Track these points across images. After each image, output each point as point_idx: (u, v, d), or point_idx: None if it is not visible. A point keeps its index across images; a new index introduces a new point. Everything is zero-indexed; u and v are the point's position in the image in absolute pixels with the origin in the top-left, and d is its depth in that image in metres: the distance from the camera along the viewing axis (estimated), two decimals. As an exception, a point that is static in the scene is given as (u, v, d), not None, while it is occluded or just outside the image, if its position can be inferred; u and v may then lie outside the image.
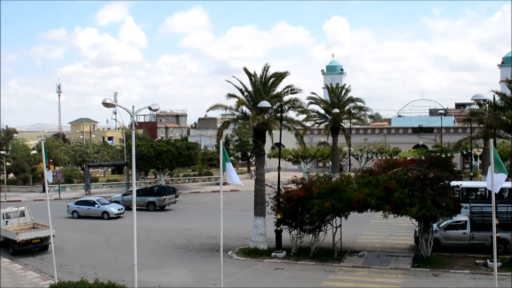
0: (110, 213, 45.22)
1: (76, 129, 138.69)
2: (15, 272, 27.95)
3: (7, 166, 67.72)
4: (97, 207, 45.74)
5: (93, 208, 45.71)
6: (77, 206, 46.42)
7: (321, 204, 27.22)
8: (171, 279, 26.19)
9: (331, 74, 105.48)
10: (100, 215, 45.31)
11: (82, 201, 47.40)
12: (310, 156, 65.54)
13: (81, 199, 49.17)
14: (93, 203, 46.17)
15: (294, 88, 32.42)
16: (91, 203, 46.33)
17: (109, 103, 19.62)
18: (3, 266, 29.43)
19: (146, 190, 51.65)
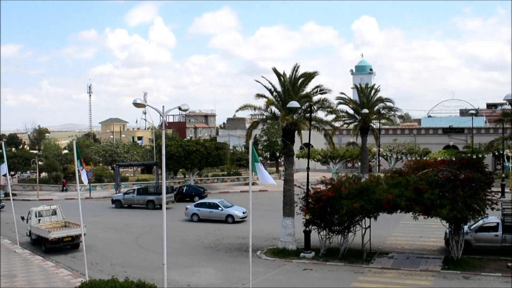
0: (235, 217, 41.82)
1: (106, 129, 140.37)
2: (47, 270, 28.37)
3: (40, 165, 68.74)
4: (220, 210, 42.36)
5: (216, 211, 42.45)
6: (197, 209, 43.41)
7: (350, 204, 27.09)
8: (200, 278, 26.32)
9: (360, 74, 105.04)
10: (224, 218, 41.96)
11: (203, 204, 44.09)
12: (339, 156, 65.19)
13: (201, 201, 46.02)
14: (216, 206, 42.85)
15: (323, 88, 32.31)
16: (213, 206, 42.95)
17: (140, 103, 19.82)
18: (36, 263, 29.93)
19: (146, 189, 53.75)
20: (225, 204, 43.29)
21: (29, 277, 26.81)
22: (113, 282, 18.28)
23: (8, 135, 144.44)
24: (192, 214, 43.16)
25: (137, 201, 52.31)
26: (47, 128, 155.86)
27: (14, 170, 65.59)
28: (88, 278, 23.68)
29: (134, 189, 54.89)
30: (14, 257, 31.53)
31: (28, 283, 25.76)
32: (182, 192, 55.54)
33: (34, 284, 25.56)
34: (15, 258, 31.41)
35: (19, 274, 27.43)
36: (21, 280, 26.24)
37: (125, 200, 52.59)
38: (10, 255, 32.22)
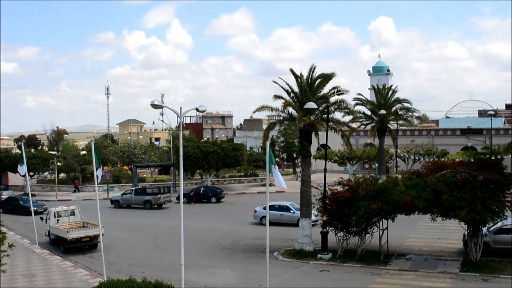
0: None
1: (124, 130, 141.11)
2: (66, 270, 28.61)
3: (58, 166, 69.35)
4: (292, 213, 39.92)
5: (287, 214, 40.09)
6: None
7: (367, 206, 26.99)
8: (217, 279, 26.37)
9: (377, 75, 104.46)
10: (295, 222, 37.84)
11: (272, 206, 39.71)
12: (356, 157, 65.03)
13: (271, 203, 40.24)
14: (287, 209, 40.66)
15: (341, 89, 32.23)
16: (284, 208, 40.66)
17: (158, 105, 19.92)
18: (55, 263, 30.20)
19: (143, 190, 54.94)
20: (295, 206, 40.25)
21: (48, 277, 27.06)
22: (130, 282, 18.37)
23: (28, 136, 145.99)
24: (261, 217, 40.61)
25: (134, 201, 53.36)
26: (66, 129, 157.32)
27: (33, 170, 66.26)
28: (106, 278, 23.83)
29: (132, 190, 55.66)
30: (33, 257, 31.83)
31: (47, 282, 25.99)
32: (199, 193, 55.70)
33: (53, 283, 25.78)
34: (34, 258, 31.71)
35: (38, 274, 27.68)
36: (40, 280, 26.49)
37: (124, 201, 53.68)
38: (30, 255, 32.54)
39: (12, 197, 54.04)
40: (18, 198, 52.56)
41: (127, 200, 53.50)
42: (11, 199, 53.14)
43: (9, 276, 25.71)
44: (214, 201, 54.96)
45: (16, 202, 51.27)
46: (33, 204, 41.75)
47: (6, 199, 53.90)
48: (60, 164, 71.06)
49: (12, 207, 50.86)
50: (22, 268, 28.87)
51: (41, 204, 50.82)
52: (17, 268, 28.78)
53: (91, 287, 23.67)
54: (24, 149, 38.35)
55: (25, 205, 48.42)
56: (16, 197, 53.76)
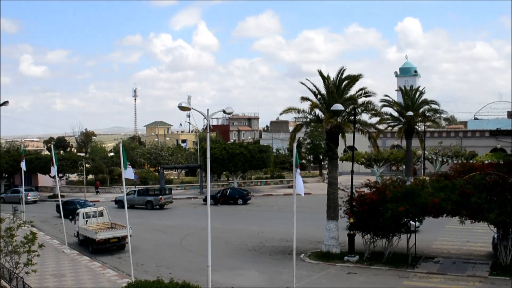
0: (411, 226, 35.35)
1: (151, 132, 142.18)
2: (94, 270, 28.93)
3: (86, 167, 70.19)
4: None
5: None
6: None
7: (395, 208, 26.79)
8: (244, 280, 26.42)
9: (404, 76, 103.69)
10: None
11: None
12: (383, 159, 64.65)
13: None
14: None
15: (368, 91, 32.06)
16: None
17: (185, 107, 20.06)
18: (83, 263, 30.56)
19: (146, 191, 56.13)
20: None
21: (77, 277, 27.39)
22: (158, 283, 18.53)
23: (57, 138, 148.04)
24: None
25: (137, 202, 54.61)
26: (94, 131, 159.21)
27: (62, 172, 67.21)
28: (134, 279, 24.04)
29: (135, 191, 56.77)
30: (62, 257, 32.26)
31: (76, 282, 26.32)
32: (225, 195, 55.88)
33: (81, 284, 26.09)
34: (63, 258, 32.13)
35: (67, 274, 28.04)
36: (69, 280, 26.83)
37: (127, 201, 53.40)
38: (59, 255, 32.97)
39: (68, 201, 50.55)
40: (75, 202, 49.46)
41: (130, 200, 53.56)
42: (67, 203, 49.41)
43: (40, 275, 26.09)
44: (241, 202, 55.09)
45: (73, 206, 47.72)
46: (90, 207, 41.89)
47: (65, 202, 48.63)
48: (89, 166, 72.00)
49: (69, 212, 45.38)
50: (52, 268, 29.28)
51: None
52: (47, 268, 29.19)
53: (119, 287, 23.91)
54: (54, 150, 38.87)
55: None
56: (73, 200, 50.76)
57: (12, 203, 54.31)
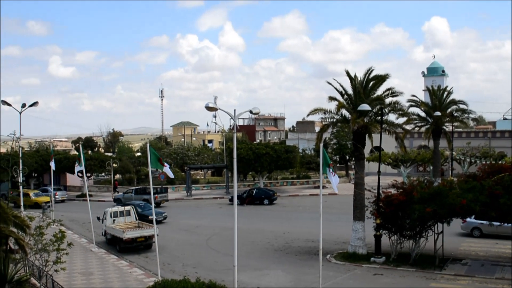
0: None
1: (177, 132, 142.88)
2: (122, 269, 29.21)
3: (114, 167, 70.86)
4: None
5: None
6: (479, 222, 33.92)
7: (422, 209, 26.58)
8: (270, 281, 26.45)
9: (432, 76, 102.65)
10: None
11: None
12: (410, 160, 64.13)
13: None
14: None
15: (395, 91, 31.83)
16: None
17: (212, 107, 20.17)
18: (111, 262, 30.88)
19: (143, 190, 57.74)
20: None
21: (105, 275, 27.68)
22: (185, 283, 18.65)
23: (85, 138, 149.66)
24: (472, 228, 35.48)
25: (134, 200, 54.39)
26: (121, 132, 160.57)
27: (90, 171, 67.91)
28: (161, 278, 24.21)
29: (132, 189, 58.67)
30: (90, 256, 32.63)
31: (103, 281, 26.60)
32: (252, 195, 55.93)
33: (109, 282, 26.37)
34: (91, 256, 32.49)
35: (95, 272, 28.36)
36: (97, 278, 27.13)
37: (125, 199, 54.73)
38: (87, 253, 33.36)
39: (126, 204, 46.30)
40: (135, 205, 45.29)
41: (128, 199, 55.12)
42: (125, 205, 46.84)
43: (68, 273, 26.42)
44: (267, 203, 55.11)
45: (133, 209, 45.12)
46: (150, 212, 41.09)
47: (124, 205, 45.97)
48: (116, 166, 72.67)
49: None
50: (80, 266, 29.64)
51: (160, 212, 46.00)
52: (75, 266, 29.56)
53: (146, 286, 24.13)
54: (82, 150, 39.32)
55: (144, 213, 43.49)
56: (133, 203, 46.41)
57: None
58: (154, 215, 27.39)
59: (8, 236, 22.13)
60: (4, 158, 56.35)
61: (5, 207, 20.30)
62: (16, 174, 40.11)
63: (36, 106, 42.26)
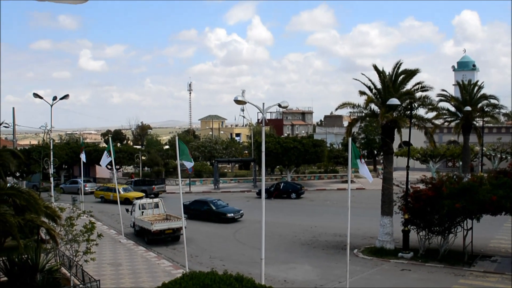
0: None
1: (205, 125, 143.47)
2: (150, 260, 29.51)
3: (142, 160, 71.48)
4: None
5: None
6: None
7: (451, 205, 26.34)
8: (297, 274, 26.48)
9: (462, 71, 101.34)
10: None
11: None
12: (439, 155, 63.52)
13: None
14: None
15: (424, 86, 31.52)
16: None
17: (241, 100, 20.23)
18: (139, 253, 31.22)
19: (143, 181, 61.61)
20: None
21: (133, 266, 28.00)
22: (212, 275, 18.67)
23: (114, 131, 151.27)
24: None
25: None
26: (149, 125, 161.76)
27: (119, 164, 68.64)
28: (188, 269, 24.38)
29: (131, 181, 62.10)
30: (119, 247, 33.01)
31: (132, 272, 26.91)
32: (279, 189, 55.98)
33: (137, 273, 26.66)
34: (120, 248, 32.88)
35: (123, 263, 28.70)
36: (125, 269, 27.45)
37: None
38: (116, 244, 33.76)
39: (199, 200, 45.13)
40: (208, 201, 44.16)
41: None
42: (198, 202, 44.54)
43: (97, 264, 26.77)
44: (294, 196, 55.11)
45: (207, 206, 43.07)
46: (227, 209, 41.87)
47: (192, 202, 44.78)
48: (145, 158, 73.29)
49: (200, 213, 42.81)
50: (109, 257, 30.02)
51: (236, 210, 43.06)
52: (105, 257, 29.94)
53: (174, 278, 24.33)
54: (111, 143, 39.74)
55: (218, 210, 42.25)
56: (206, 200, 44.95)
57: (71, 193, 55.91)
58: (182, 208, 27.48)
59: (39, 226, 22.52)
60: (35, 150, 57.33)
61: (37, 197, 20.62)
62: (47, 165, 40.72)
63: (67, 99, 42.81)
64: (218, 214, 41.82)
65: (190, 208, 42.94)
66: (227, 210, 42.29)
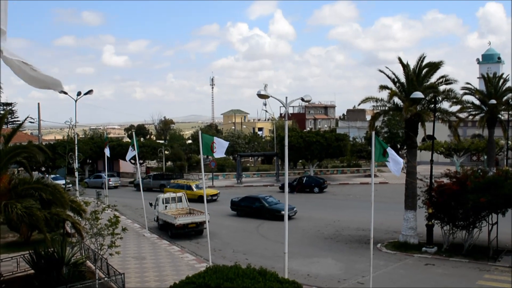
0: None
1: (228, 120, 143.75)
2: (173, 254, 29.72)
3: (166, 154, 71.89)
4: None
5: None
6: None
7: (476, 199, 26.10)
8: (320, 268, 26.48)
9: (487, 63, 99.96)
10: None
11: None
12: (464, 149, 62.92)
13: None
14: None
15: (449, 79, 31.17)
16: None
17: (264, 95, 20.24)
18: (163, 247, 31.45)
19: (161, 176, 62.51)
20: None
21: (157, 260, 28.23)
22: (236, 269, 18.76)
23: (137, 125, 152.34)
24: None
25: (153, 185, 60.09)
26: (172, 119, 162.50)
27: (142, 158, 69.11)
28: (212, 263, 24.52)
29: (150, 175, 63.20)
30: (143, 241, 33.29)
31: (156, 265, 27.13)
32: (302, 183, 55.95)
33: (161, 266, 26.88)
34: (144, 241, 33.16)
35: (147, 257, 28.95)
36: (149, 262, 27.69)
37: (144, 184, 54.71)
38: (140, 238, 34.05)
39: (250, 197, 43.48)
40: (260, 198, 42.60)
41: (146, 184, 57.67)
42: (249, 199, 43.07)
43: (122, 257, 27.01)
44: (317, 191, 55.05)
45: (258, 203, 41.59)
46: (281, 206, 39.96)
47: (242, 199, 43.79)
48: (168, 153, 73.70)
49: (251, 210, 41.53)
50: (133, 251, 30.30)
51: (290, 207, 39.64)
52: (129, 250, 30.22)
53: (198, 271, 24.50)
54: (135, 138, 40.03)
55: (272, 207, 40.74)
56: (257, 196, 43.08)
57: (95, 187, 56.51)
58: (205, 203, 27.62)
59: (65, 220, 22.82)
60: (61, 144, 57.98)
61: (62, 191, 20.87)
62: (72, 160, 41.15)
63: (91, 94, 43.13)
64: (271, 211, 40.26)
65: (239, 205, 42.29)
66: (281, 207, 39.79)
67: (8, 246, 29.92)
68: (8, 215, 19.18)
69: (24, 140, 67.21)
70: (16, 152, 21.61)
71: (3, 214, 18.87)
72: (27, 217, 18.66)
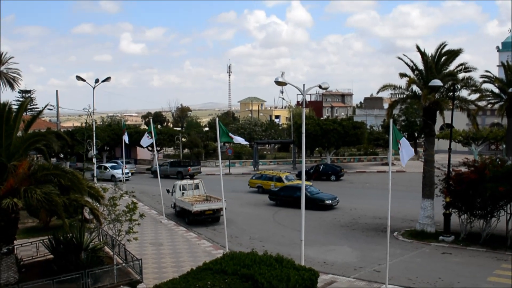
0: None
1: (244, 107, 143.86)
2: (190, 240, 29.90)
3: (183, 141, 72.12)
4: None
5: None
6: None
7: (494, 188, 25.91)
8: (336, 256, 26.50)
9: (507, 51, 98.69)
10: None
11: None
12: (482, 137, 62.36)
13: None
14: None
15: (468, 66, 30.80)
16: None
17: (281, 82, 20.24)
18: (180, 234, 31.64)
19: (178, 163, 63.01)
20: None
21: (174, 246, 28.42)
22: (252, 255, 18.91)
23: (154, 113, 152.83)
24: None
25: (170, 172, 60.50)
26: (189, 107, 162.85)
27: (159, 146, 69.38)
28: (228, 250, 24.65)
29: (168, 162, 63.48)
30: (160, 227, 33.52)
31: (173, 251, 27.32)
32: (318, 171, 55.93)
33: (178, 252, 27.06)
34: (161, 228, 33.38)
35: (165, 243, 29.15)
36: (167, 249, 27.89)
37: (161, 171, 54.25)
38: (157, 225, 34.28)
39: (291, 186, 42.21)
40: (293, 187, 41.42)
41: (164, 171, 57.70)
42: (289, 188, 41.75)
43: (139, 243, 27.26)
44: (334, 179, 55.00)
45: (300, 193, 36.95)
46: (324, 195, 39.94)
47: (282, 188, 42.53)
48: (185, 140, 73.95)
49: (293, 199, 38.84)
50: (150, 237, 30.53)
51: (333, 196, 40.04)
52: (146, 236, 30.45)
53: (215, 258, 24.66)
54: (152, 125, 40.19)
55: (314, 196, 39.35)
56: (299, 186, 39.76)
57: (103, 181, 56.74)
58: (222, 190, 27.68)
59: (83, 206, 23.06)
60: (79, 131, 58.37)
61: (81, 177, 21.07)
62: (90, 147, 41.44)
63: (108, 81, 43.47)
64: (314, 201, 38.79)
65: (279, 195, 41.30)
66: (325, 196, 39.72)
67: (27, 232, 30.33)
68: (27, 201, 19.44)
69: (43, 127, 67.80)
70: (36, 139, 21.84)
71: (23, 199, 19.12)
72: (46, 203, 18.89)
